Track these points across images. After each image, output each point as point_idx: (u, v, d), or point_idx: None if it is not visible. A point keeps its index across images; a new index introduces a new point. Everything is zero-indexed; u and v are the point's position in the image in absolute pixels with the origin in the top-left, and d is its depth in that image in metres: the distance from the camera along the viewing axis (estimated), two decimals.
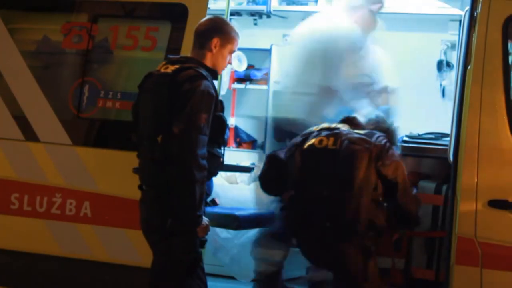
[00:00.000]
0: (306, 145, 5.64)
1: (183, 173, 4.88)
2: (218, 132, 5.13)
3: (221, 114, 5.15)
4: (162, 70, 5.13)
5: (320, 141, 5.60)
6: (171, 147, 4.90)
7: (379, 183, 5.47)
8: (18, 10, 6.67)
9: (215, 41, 5.18)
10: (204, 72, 5.05)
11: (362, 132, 5.63)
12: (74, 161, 6.22)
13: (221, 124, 5.14)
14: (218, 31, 5.21)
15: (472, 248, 5.33)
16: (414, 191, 5.64)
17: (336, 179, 5.48)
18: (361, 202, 5.40)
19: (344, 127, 5.67)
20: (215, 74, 5.19)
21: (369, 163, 5.44)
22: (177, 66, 5.07)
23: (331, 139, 5.57)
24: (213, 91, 5.01)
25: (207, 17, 5.43)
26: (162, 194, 4.99)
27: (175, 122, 4.90)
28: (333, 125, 5.72)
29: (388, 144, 5.59)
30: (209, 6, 6.00)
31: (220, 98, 5.23)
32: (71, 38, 6.38)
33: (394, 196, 5.52)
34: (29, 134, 6.31)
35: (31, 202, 6.24)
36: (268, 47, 8.26)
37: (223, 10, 6.35)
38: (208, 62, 5.18)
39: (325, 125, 5.77)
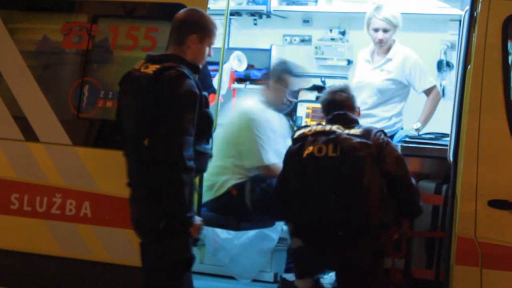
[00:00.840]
0: (305, 154, 5.60)
1: (170, 177, 4.87)
2: (205, 128, 5.11)
3: (207, 110, 5.13)
4: (142, 69, 5.10)
5: (319, 149, 5.55)
6: (158, 151, 4.89)
7: (383, 181, 5.47)
8: (18, 10, 6.66)
9: (194, 37, 5.16)
10: (186, 71, 5.01)
11: (358, 132, 5.58)
12: (74, 161, 6.22)
13: (207, 119, 5.12)
14: (195, 26, 5.17)
15: (472, 248, 5.33)
16: (413, 181, 5.63)
17: (342, 186, 5.47)
18: (370, 204, 5.40)
19: (339, 129, 5.63)
20: (196, 69, 5.17)
21: (372, 165, 5.43)
22: (157, 66, 5.04)
23: (330, 146, 5.53)
24: (196, 90, 4.99)
25: (183, 10, 5.37)
26: (151, 194, 4.98)
27: (160, 125, 4.89)
28: (327, 128, 5.64)
29: (386, 138, 5.57)
30: (209, 6, 5.99)
31: (204, 93, 5.18)
32: (71, 38, 6.37)
33: (397, 191, 5.51)
34: (29, 134, 6.31)
35: (31, 202, 6.24)
36: (268, 47, 8.27)
37: (223, 10, 6.34)
38: (188, 57, 5.15)
39: (318, 128, 5.70)
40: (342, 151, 5.48)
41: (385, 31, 7.27)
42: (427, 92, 7.36)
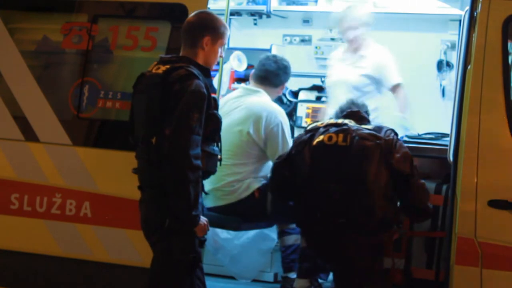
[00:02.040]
0: (315, 142, 5.61)
1: (176, 174, 4.88)
2: (213, 130, 5.12)
3: (215, 111, 5.14)
4: (153, 70, 5.13)
5: (330, 138, 5.57)
6: (164, 149, 4.90)
7: (390, 178, 5.46)
8: (18, 10, 6.66)
9: (207, 39, 5.18)
10: (195, 71, 5.04)
11: (370, 127, 5.62)
12: (74, 161, 6.22)
13: (216, 121, 5.13)
14: (208, 28, 5.19)
15: (472, 248, 5.33)
16: (422, 182, 5.62)
17: (348, 176, 5.47)
18: (375, 198, 5.39)
19: (350, 123, 5.66)
20: (207, 72, 5.18)
21: (380, 158, 5.43)
22: (168, 66, 5.06)
23: (341, 136, 5.54)
24: (204, 90, 5.00)
25: (194, 13, 5.38)
26: (159, 194, 5.00)
27: (166, 123, 4.90)
28: (340, 121, 5.70)
29: (395, 137, 5.59)
30: (209, 6, 5.99)
31: (214, 96, 5.21)
32: (71, 38, 6.37)
33: (403, 190, 5.51)
34: (29, 134, 6.31)
35: (31, 202, 6.24)
36: (268, 47, 8.27)
37: (223, 10, 6.34)
38: (200, 60, 5.17)
39: (330, 121, 5.75)
40: (352, 140, 5.49)
41: (354, 29, 7.37)
42: (393, 89, 7.37)
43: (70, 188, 6.18)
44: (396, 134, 5.64)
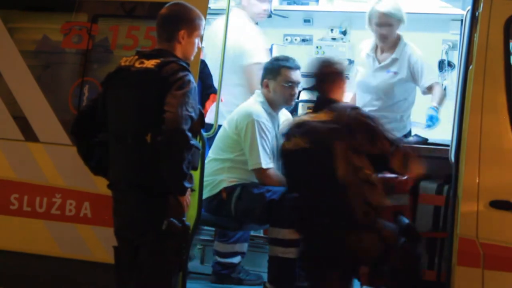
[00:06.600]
0: (283, 147, 5.65)
1: (174, 155, 4.80)
2: (199, 124, 5.08)
3: (199, 106, 5.10)
4: (137, 65, 5.07)
5: (292, 141, 5.56)
6: (164, 126, 4.78)
7: (365, 161, 5.41)
8: (18, 10, 6.65)
9: (182, 33, 5.12)
10: (185, 65, 5.02)
11: (324, 115, 5.52)
12: (74, 161, 6.17)
13: (201, 116, 5.08)
14: (183, 22, 5.13)
15: (474, 249, 5.32)
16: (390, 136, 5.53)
17: (319, 176, 5.44)
18: (351, 189, 5.33)
19: (309, 117, 5.60)
20: (188, 66, 5.14)
21: (344, 148, 5.36)
22: (157, 61, 4.99)
23: (302, 137, 5.51)
24: (195, 84, 5.00)
25: (166, 6, 5.29)
26: (151, 195, 4.95)
27: (166, 108, 4.82)
28: (298, 120, 5.68)
29: (353, 112, 5.48)
30: (209, 6, 5.97)
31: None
32: (71, 38, 6.37)
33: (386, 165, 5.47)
34: (29, 134, 6.30)
35: (30, 203, 6.23)
36: (269, 46, 8.25)
37: (224, 9, 6.33)
38: (178, 53, 5.12)
39: (295, 120, 5.73)
40: (311, 139, 5.45)
41: (388, 25, 7.14)
42: (429, 89, 7.24)
43: (70, 189, 6.17)
44: (353, 108, 5.56)
